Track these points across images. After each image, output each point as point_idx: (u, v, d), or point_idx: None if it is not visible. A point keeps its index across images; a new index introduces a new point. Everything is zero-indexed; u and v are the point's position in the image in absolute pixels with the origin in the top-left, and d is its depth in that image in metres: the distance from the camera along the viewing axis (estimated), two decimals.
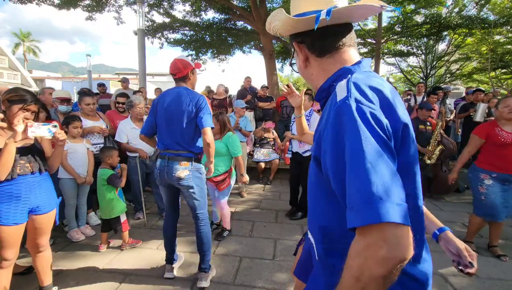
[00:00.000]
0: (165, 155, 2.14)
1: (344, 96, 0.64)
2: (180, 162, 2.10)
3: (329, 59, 0.79)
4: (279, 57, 12.51)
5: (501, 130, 2.58)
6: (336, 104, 0.65)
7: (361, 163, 0.56)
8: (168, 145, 2.14)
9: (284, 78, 24.94)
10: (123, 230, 2.78)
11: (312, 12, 0.74)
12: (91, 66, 10.59)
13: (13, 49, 35.15)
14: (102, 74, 39.65)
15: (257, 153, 5.25)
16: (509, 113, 2.54)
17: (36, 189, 1.82)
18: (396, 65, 15.99)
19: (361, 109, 0.61)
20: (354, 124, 0.59)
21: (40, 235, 1.92)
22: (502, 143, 2.56)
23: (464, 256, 0.88)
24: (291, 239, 3.02)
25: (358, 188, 0.55)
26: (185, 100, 2.10)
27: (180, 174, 2.09)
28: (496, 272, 2.51)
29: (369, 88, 0.66)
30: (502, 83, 15.93)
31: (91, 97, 3.37)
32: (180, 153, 2.12)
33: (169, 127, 2.13)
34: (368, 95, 0.64)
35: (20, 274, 2.28)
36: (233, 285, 2.28)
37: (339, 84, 0.69)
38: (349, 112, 0.61)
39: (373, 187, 0.53)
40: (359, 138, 0.58)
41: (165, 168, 2.13)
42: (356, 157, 0.57)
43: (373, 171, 0.55)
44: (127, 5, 9.25)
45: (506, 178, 2.60)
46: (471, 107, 5.46)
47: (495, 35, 11.61)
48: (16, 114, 1.69)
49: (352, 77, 0.69)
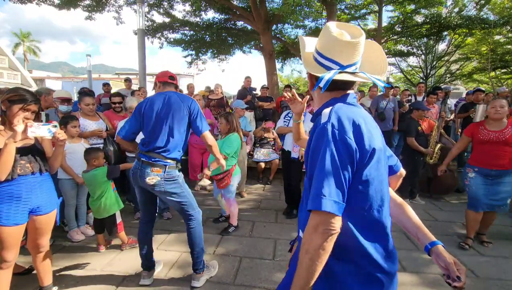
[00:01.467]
0: (140, 158, 2.06)
1: (325, 121, 0.88)
2: (153, 168, 2.02)
3: (326, 92, 1.01)
4: (279, 57, 12.52)
5: (484, 128, 2.86)
6: (320, 125, 0.90)
7: (321, 170, 0.83)
8: (148, 149, 2.05)
9: (284, 78, 24.91)
10: (118, 231, 2.75)
11: (323, 64, 0.98)
12: (91, 66, 10.57)
13: (13, 49, 35.14)
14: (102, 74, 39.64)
15: (257, 153, 5.25)
16: (495, 113, 2.77)
17: (37, 190, 1.82)
18: (396, 65, 16.00)
19: (334, 133, 0.85)
20: (326, 143, 0.84)
21: (41, 235, 1.92)
22: (481, 140, 2.84)
23: (452, 270, 0.93)
24: (291, 239, 3.01)
25: (315, 186, 0.83)
26: (177, 104, 2.08)
27: (149, 181, 2.00)
28: (496, 272, 2.51)
29: (347, 118, 0.88)
30: (502, 83, 15.93)
31: (91, 97, 3.37)
32: (157, 159, 2.02)
33: (156, 131, 2.06)
34: (343, 123, 0.86)
35: (20, 274, 2.28)
36: (233, 285, 2.28)
37: (324, 111, 0.93)
38: (325, 133, 0.85)
39: (323, 188, 0.81)
40: (326, 154, 0.83)
41: (138, 171, 2.06)
42: (320, 166, 0.83)
43: (326, 178, 0.81)
44: (127, 5, 9.24)
45: (487, 172, 2.84)
46: (471, 107, 5.45)
47: (495, 35, 11.62)
48: (16, 114, 1.69)
49: (335, 107, 0.92)
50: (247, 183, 5.00)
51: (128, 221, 3.47)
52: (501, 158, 2.76)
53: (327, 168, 0.82)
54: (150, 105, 2.10)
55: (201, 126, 2.10)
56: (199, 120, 2.11)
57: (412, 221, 1.07)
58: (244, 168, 4.64)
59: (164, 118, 2.06)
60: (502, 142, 2.73)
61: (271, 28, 9.11)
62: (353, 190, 0.86)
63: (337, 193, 0.81)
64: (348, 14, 11.49)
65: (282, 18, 8.19)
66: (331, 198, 0.80)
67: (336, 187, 0.81)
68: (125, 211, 3.77)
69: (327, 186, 0.81)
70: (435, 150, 4.10)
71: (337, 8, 8.14)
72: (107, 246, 2.82)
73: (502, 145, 2.74)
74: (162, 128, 2.05)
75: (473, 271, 2.52)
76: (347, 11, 11.32)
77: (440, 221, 3.55)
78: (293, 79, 27.44)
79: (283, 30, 11.26)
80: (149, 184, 2.01)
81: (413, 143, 4.03)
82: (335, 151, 0.83)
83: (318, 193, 0.81)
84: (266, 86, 7.07)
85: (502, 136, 2.74)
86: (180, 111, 2.07)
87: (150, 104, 2.10)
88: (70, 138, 2.89)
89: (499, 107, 2.74)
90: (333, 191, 0.80)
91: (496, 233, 3.27)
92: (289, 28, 11.38)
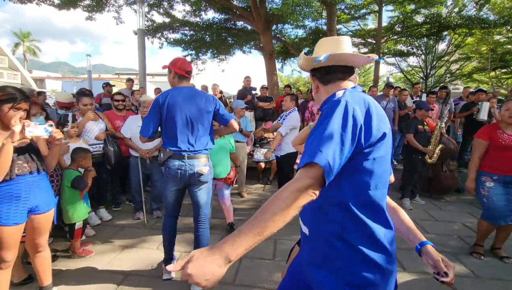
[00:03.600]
0: (184, 155, 2.13)
1: (340, 96, 0.91)
2: (200, 160, 2.18)
3: (331, 85, 1.06)
4: (279, 57, 12.51)
5: (503, 132, 2.59)
6: (333, 100, 0.91)
7: (324, 132, 0.82)
8: (185, 145, 2.13)
9: (284, 78, 24.88)
10: (73, 237, 2.59)
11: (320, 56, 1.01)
12: (91, 66, 10.56)
13: (13, 49, 35.14)
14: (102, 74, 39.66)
15: (257, 153, 5.25)
16: (510, 117, 2.55)
17: (35, 189, 1.82)
18: (396, 65, 15.97)
19: (347, 106, 0.85)
20: (338, 111, 0.85)
21: (39, 235, 1.92)
22: (503, 146, 2.56)
23: (440, 266, 0.98)
24: (291, 239, 3.01)
25: (313, 143, 0.81)
26: (202, 100, 2.17)
27: (203, 170, 2.17)
28: (496, 272, 2.51)
29: (360, 99, 0.90)
30: (502, 83, 15.92)
31: (89, 97, 3.34)
32: (200, 150, 2.18)
33: (187, 127, 2.12)
34: (356, 102, 0.88)
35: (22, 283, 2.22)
36: (233, 285, 2.27)
37: (338, 92, 0.96)
38: (338, 105, 0.87)
39: (322, 146, 0.79)
40: (334, 119, 0.83)
41: (184, 167, 2.13)
42: (323, 128, 0.83)
43: (328, 140, 0.80)
44: (127, 5, 9.24)
45: (509, 180, 2.58)
46: (472, 106, 5.43)
47: (495, 35, 11.61)
48: (7, 114, 1.67)
49: (348, 90, 0.96)
50: (247, 183, 5.00)
51: (129, 221, 3.47)
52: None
53: (331, 132, 0.80)
54: (173, 102, 2.08)
55: (227, 115, 2.30)
56: (224, 111, 2.30)
57: (405, 224, 1.13)
58: (244, 168, 4.64)
59: (194, 114, 2.13)
60: None
61: (271, 28, 9.10)
62: (362, 168, 0.88)
63: (333, 156, 0.78)
64: (348, 14, 11.49)
65: (282, 18, 8.18)
66: (325, 156, 0.77)
67: (334, 151, 0.79)
68: (125, 211, 3.79)
69: (326, 147, 0.78)
70: (435, 151, 4.10)
71: (337, 8, 8.13)
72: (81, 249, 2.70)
73: None
74: (195, 123, 2.14)
75: (473, 271, 2.52)
76: (347, 11, 11.32)
77: (440, 221, 3.55)
78: (293, 79, 27.43)
79: (283, 30, 11.24)
80: (201, 173, 2.17)
81: (411, 140, 4.04)
82: (343, 120, 0.83)
83: (314, 150, 0.79)
84: (266, 86, 7.07)
85: None
86: (206, 106, 2.18)
87: (173, 101, 2.09)
88: (68, 138, 2.89)
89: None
90: (329, 152, 0.78)
91: None
92: (289, 28, 11.38)
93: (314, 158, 0.76)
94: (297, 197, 0.74)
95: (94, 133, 3.30)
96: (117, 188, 3.96)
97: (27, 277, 2.24)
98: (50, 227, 1.99)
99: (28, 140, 1.80)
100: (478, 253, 2.77)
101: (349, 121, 0.83)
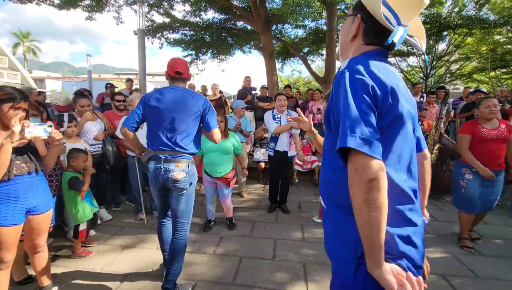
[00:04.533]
0: (160, 157, 2.01)
1: (344, 67, 0.89)
2: (177, 164, 2.01)
3: (366, 46, 0.97)
4: (279, 57, 12.50)
5: (482, 127, 2.82)
6: (338, 72, 0.92)
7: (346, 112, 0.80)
8: (164, 146, 2.02)
9: (284, 78, 24.88)
10: (77, 237, 2.59)
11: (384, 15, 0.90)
12: (91, 66, 10.55)
13: (13, 49, 35.13)
14: (102, 74, 39.61)
15: (257, 153, 5.25)
16: (489, 113, 2.76)
17: (34, 189, 1.81)
18: (396, 65, 15.97)
19: (352, 77, 0.84)
20: (344, 87, 0.83)
21: (38, 235, 1.92)
22: (483, 139, 2.78)
23: None
24: (291, 239, 3.01)
25: (342, 127, 0.81)
26: (190, 101, 2.05)
27: (177, 176, 1.99)
28: (496, 272, 2.51)
29: (376, 68, 0.86)
30: (502, 83, 15.92)
31: (86, 99, 3.33)
32: (178, 154, 2.03)
33: (168, 127, 2.02)
34: (365, 69, 0.85)
35: (21, 283, 2.21)
36: (233, 285, 2.27)
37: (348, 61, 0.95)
38: (343, 78, 0.85)
39: (347, 128, 0.78)
40: (348, 96, 0.81)
41: (160, 170, 2.01)
42: (345, 109, 0.81)
43: (352, 118, 0.79)
44: (127, 5, 9.23)
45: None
46: (473, 107, 5.44)
47: (495, 35, 11.60)
48: (7, 114, 1.67)
49: (360, 57, 0.93)
50: (247, 183, 5.00)
51: (129, 222, 3.47)
52: (500, 157, 2.78)
53: (352, 108, 0.80)
54: (158, 100, 2.03)
55: (212, 123, 2.14)
56: (211, 117, 2.14)
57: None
58: None
59: (180, 115, 2.02)
60: (502, 140, 2.75)
61: (271, 28, 9.10)
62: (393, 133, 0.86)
63: (364, 130, 0.77)
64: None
65: (282, 18, 8.19)
66: (356, 135, 0.76)
67: (361, 125, 0.78)
68: (126, 211, 3.79)
69: (353, 127, 0.78)
70: (433, 150, 4.10)
71: (337, 8, 8.11)
72: (87, 246, 2.76)
73: (501, 143, 2.77)
74: (179, 125, 2.03)
75: (473, 271, 2.52)
76: (347, 11, 11.30)
77: (440, 221, 3.56)
78: (293, 79, 27.41)
79: (283, 30, 11.23)
80: (175, 179, 1.99)
81: None
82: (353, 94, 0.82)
83: (344, 132, 0.78)
84: (266, 86, 7.07)
85: (501, 133, 2.76)
86: (195, 108, 2.06)
87: (158, 99, 2.03)
88: (68, 138, 2.89)
89: (493, 106, 2.75)
90: (359, 128, 0.77)
91: (496, 233, 3.27)
92: (289, 28, 11.36)
93: (346, 142, 0.77)
94: (367, 200, 0.75)
95: (93, 133, 3.30)
96: (117, 188, 3.96)
97: (28, 277, 2.24)
98: (48, 227, 1.98)
99: (27, 140, 1.80)
100: (467, 247, 2.91)
101: (359, 91, 0.82)
